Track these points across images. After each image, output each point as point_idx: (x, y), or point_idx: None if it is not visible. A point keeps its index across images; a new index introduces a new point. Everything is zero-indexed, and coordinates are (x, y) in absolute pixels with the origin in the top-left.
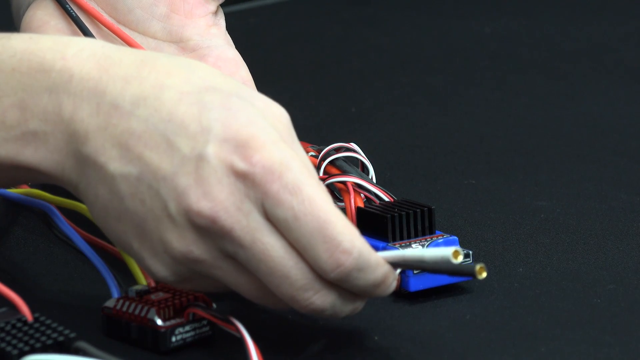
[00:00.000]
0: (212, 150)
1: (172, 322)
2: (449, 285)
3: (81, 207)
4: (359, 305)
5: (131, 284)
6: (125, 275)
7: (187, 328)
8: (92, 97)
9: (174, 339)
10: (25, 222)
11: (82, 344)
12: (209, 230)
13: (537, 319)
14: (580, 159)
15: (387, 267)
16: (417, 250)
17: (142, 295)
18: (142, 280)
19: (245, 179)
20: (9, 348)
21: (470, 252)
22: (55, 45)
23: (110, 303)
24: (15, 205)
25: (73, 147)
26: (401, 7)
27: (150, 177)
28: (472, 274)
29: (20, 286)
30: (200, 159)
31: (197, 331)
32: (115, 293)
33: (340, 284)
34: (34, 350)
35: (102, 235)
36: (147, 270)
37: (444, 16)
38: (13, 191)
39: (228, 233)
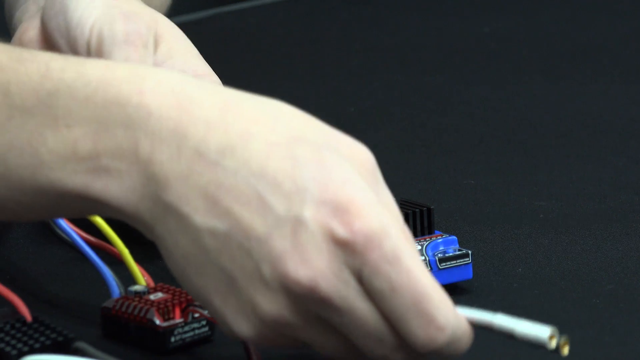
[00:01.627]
0: (310, 214)
1: (171, 322)
2: (449, 285)
3: None
4: None
5: (130, 284)
6: (124, 276)
7: (186, 328)
8: (172, 139)
9: (173, 339)
10: (25, 222)
11: (81, 344)
12: (305, 298)
13: (537, 319)
14: (579, 159)
15: (471, 333)
16: (509, 321)
17: (142, 295)
18: (142, 281)
19: (345, 246)
20: (7, 348)
21: (470, 252)
22: (131, 77)
23: (109, 303)
24: None
25: (151, 190)
26: (401, 7)
27: (241, 236)
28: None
29: (19, 286)
30: (297, 222)
31: (196, 331)
32: (114, 293)
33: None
34: (32, 351)
35: (101, 236)
36: (226, 328)
37: (444, 16)
38: None
39: (326, 301)
